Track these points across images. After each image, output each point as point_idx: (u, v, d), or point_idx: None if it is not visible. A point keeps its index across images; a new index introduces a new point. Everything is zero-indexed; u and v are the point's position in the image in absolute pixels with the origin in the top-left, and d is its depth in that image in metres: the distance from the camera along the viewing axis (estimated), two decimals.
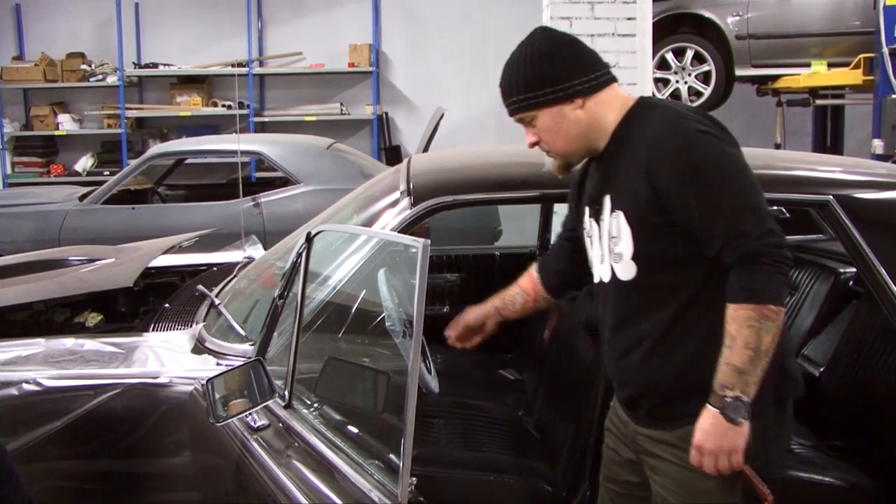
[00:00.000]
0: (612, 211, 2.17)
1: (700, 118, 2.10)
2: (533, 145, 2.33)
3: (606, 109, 2.21)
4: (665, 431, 2.17)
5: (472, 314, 2.71)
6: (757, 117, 9.58)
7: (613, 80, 2.26)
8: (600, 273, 2.26)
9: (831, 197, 2.87)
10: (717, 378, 2.00)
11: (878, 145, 7.16)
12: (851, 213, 2.85)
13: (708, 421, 2.01)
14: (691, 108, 2.24)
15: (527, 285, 2.70)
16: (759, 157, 3.61)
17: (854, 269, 2.95)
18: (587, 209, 2.30)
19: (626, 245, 2.14)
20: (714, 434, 2.01)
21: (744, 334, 1.97)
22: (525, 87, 2.25)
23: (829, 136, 9.17)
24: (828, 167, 3.29)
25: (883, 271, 2.79)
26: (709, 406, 2.01)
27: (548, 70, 2.20)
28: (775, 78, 8.14)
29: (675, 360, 2.13)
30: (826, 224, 2.96)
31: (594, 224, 2.26)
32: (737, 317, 1.98)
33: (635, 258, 2.13)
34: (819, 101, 8.26)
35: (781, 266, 1.99)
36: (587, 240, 2.33)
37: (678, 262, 2.11)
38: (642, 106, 2.21)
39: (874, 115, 7.35)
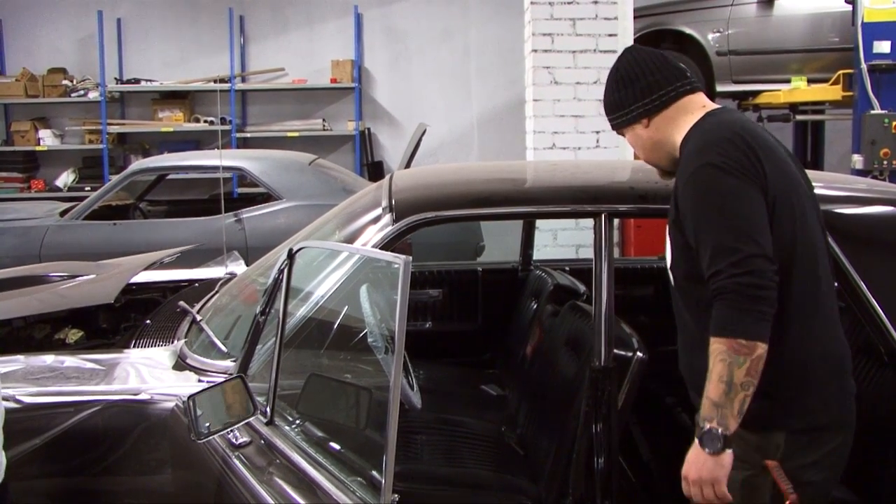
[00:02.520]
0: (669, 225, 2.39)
1: (724, 146, 2.20)
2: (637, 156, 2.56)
3: (673, 126, 2.39)
4: None
5: None
6: None
7: (687, 92, 2.40)
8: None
9: None
10: (700, 410, 2.14)
11: (857, 160, 7.22)
12: (832, 228, 2.87)
13: (692, 452, 2.14)
14: (732, 126, 2.29)
15: None
16: None
17: (835, 284, 2.96)
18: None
19: (668, 255, 2.39)
20: (695, 464, 2.12)
21: (717, 368, 2.08)
22: (608, 110, 2.50)
23: (809, 152, 9.24)
24: None
25: (863, 286, 2.82)
26: (695, 441, 2.13)
27: (616, 96, 2.44)
28: (756, 94, 8.20)
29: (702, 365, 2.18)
30: None
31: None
32: (712, 350, 2.09)
33: (671, 269, 2.39)
34: (799, 117, 8.33)
35: (751, 301, 2.06)
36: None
37: (700, 280, 2.20)
38: (703, 118, 2.36)
39: (853, 131, 7.41)
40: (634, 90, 2.40)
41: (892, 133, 7.07)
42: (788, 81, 7.93)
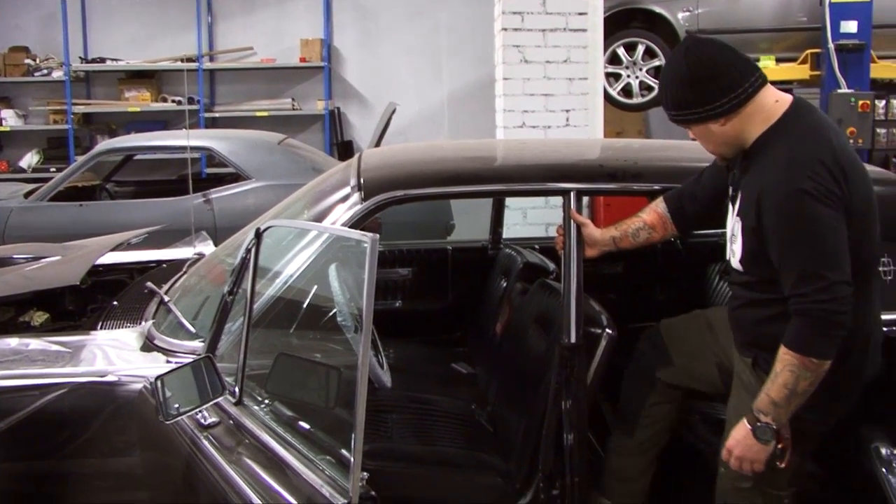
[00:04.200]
0: (737, 213, 2.47)
1: (816, 170, 2.27)
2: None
3: (750, 122, 2.42)
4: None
5: (591, 233, 2.86)
6: None
7: (761, 86, 2.42)
8: (729, 256, 2.56)
9: None
10: (756, 402, 2.36)
11: None
12: None
13: (741, 432, 2.40)
14: (823, 141, 2.34)
15: (654, 221, 2.90)
16: (703, 151, 3.67)
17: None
18: (731, 185, 2.56)
19: (738, 248, 2.47)
20: (743, 445, 2.40)
21: (785, 375, 2.29)
22: (674, 105, 2.46)
23: None
24: None
25: None
26: (745, 421, 2.39)
27: (689, 95, 2.41)
28: None
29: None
30: None
31: (731, 204, 2.54)
32: (783, 359, 2.29)
33: (742, 263, 2.48)
34: None
35: (832, 326, 2.25)
36: (728, 203, 2.58)
37: (772, 281, 2.37)
38: (787, 120, 2.40)
39: (821, 109, 7.47)
40: (713, 88, 2.38)
41: (858, 112, 7.14)
42: (757, 60, 7.96)
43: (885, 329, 2.76)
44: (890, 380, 2.77)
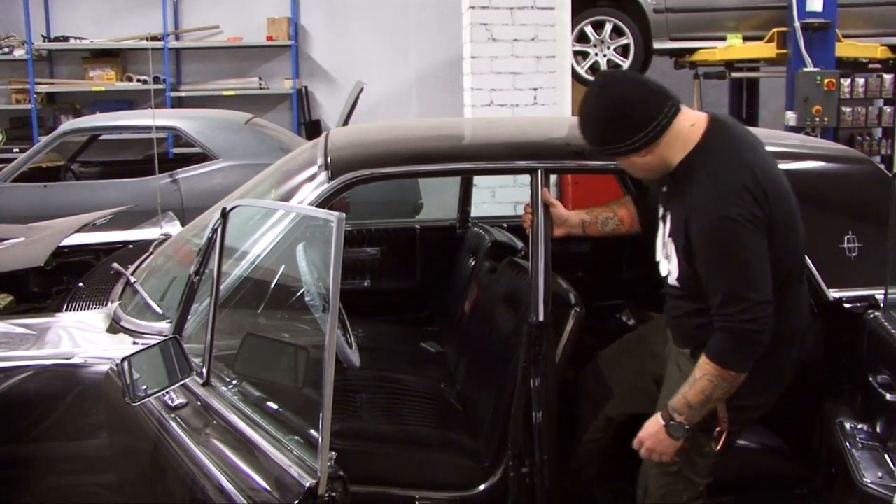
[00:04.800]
0: (669, 234, 2.57)
1: (741, 195, 2.37)
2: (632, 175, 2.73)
3: (670, 149, 2.50)
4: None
5: (560, 212, 2.91)
6: (675, 90, 9.64)
7: (675, 115, 2.48)
8: (662, 268, 2.65)
9: None
10: (672, 401, 2.51)
11: (791, 117, 7.33)
12: None
13: (654, 427, 2.54)
14: (746, 165, 2.44)
15: (624, 215, 3.00)
16: None
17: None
18: (661, 203, 2.65)
19: (674, 268, 2.56)
20: (655, 438, 2.54)
21: (703, 383, 2.43)
22: (597, 142, 2.56)
23: (744, 108, 9.34)
24: None
25: None
26: (659, 416, 2.53)
27: (607, 134, 2.51)
28: (692, 51, 8.24)
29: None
30: None
31: (661, 222, 2.64)
32: (704, 368, 2.43)
33: (678, 280, 2.56)
34: (735, 74, 8.40)
35: (752, 343, 2.39)
36: (659, 221, 2.67)
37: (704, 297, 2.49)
38: (706, 143, 2.49)
39: (787, 88, 7.52)
40: (629, 125, 2.46)
41: (824, 90, 7.19)
42: (724, 39, 7.99)
43: (849, 305, 2.80)
44: (853, 356, 2.81)
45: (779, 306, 2.42)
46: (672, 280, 2.59)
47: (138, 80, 9.93)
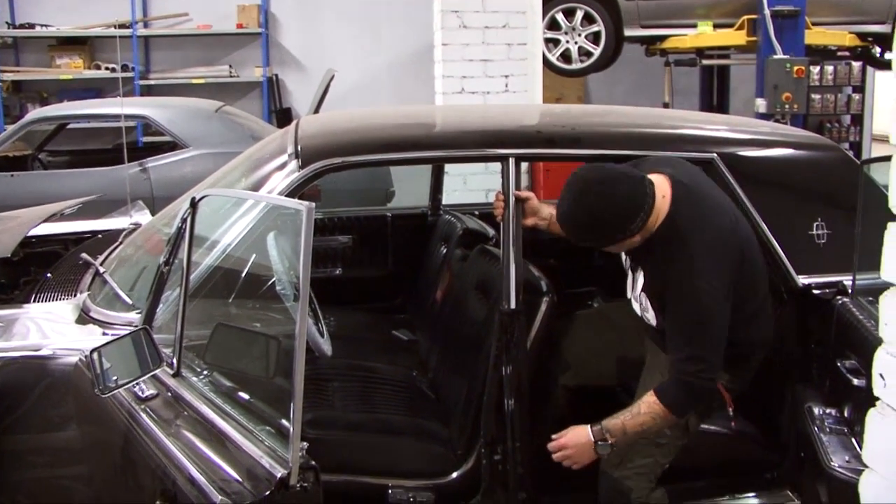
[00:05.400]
0: (643, 289, 2.75)
1: (714, 267, 2.58)
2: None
3: (652, 224, 2.63)
4: None
5: (534, 204, 2.95)
6: (646, 77, 9.75)
7: (653, 194, 2.61)
8: (633, 305, 2.86)
9: (715, 155, 2.96)
10: (609, 422, 2.64)
11: (761, 104, 7.37)
12: (735, 170, 2.94)
13: (582, 437, 2.66)
14: (717, 230, 2.64)
15: None
16: (647, 116, 3.70)
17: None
18: (628, 256, 2.83)
19: (652, 318, 2.76)
20: (579, 447, 2.67)
21: (645, 418, 2.60)
22: (593, 242, 2.73)
23: (715, 96, 9.40)
24: (713, 126, 3.38)
25: (764, 226, 2.91)
26: (591, 429, 2.65)
27: (599, 234, 2.64)
28: (663, 38, 8.27)
29: None
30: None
31: (630, 270, 2.84)
32: (651, 406, 2.60)
33: (658, 328, 2.75)
34: (705, 62, 8.45)
35: (703, 396, 2.65)
36: (624, 261, 2.88)
37: None
38: (678, 211, 2.63)
39: (757, 75, 7.56)
40: (621, 221, 2.57)
41: (793, 77, 7.22)
42: (695, 26, 8.02)
43: (817, 292, 2.83)
44: (821, 342, 2.83)
45: (750, 326, 2.72)
46: (653, 323, 2.78)
47: (106, 69, 9.84)
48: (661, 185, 2.65)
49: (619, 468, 2.76)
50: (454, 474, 2.92)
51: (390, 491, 2.87)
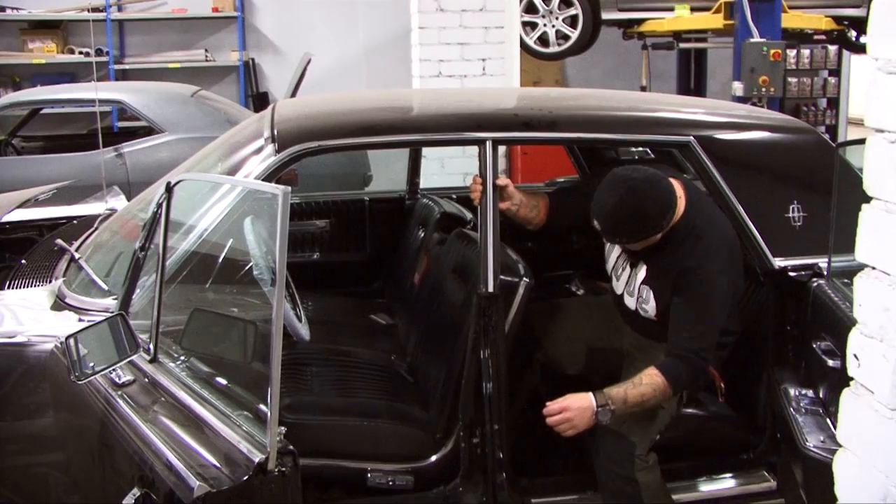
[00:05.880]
0: (644, 282, 2.89)
1: (733, 254, 2.82)
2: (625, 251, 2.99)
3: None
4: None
5: (509, 190, 3.00)
6: (623, 60, 9.76)
7: (678, 198, 2.82)
8: (625, 299, 2.99)
9: (692, 138, 2.97)
10: (611, 390, 2.73)
11: (738, 87, 7.38)
12: (711, 152, 2.95)
13: (584, 403, 2.71)
14: (726, 231, 2.87)
15: (543, 209, 3.14)
16: (624, 99, 3.70)
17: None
18: (620, 250, 3.01)
19: (651, 308, 2.89)
20: (579, 413, 2.71)
21: (646, 389, 2.72)
22: (629, 235, 2.82)
23: (692, 79, 9.41)
24: (689, 109, 3.39)
25: (740, 208, 2.92)
26: (593, 396, 2.71)
27: (637, 229, 2.78)
28: (640, 22, 8.27)
29: None
30: (688, 163, 3.06)
31: (627, 265, 2.98)
32: (653, 379, 2.72)
33: (657, 316, 2.88)
34: (683, 45, 8.45)
35: (702, 375, 2.81)
36: (612, 259, 3.06)
37: None
38: (692, 213, 2.84)
39: (734, 59, 7.56)
40: (659, 218, 2.75)
41: (770, 61, 7.23)
42: (672, 10, 8.02)
43: (793, 274, 2.85)
44: (797, 324, 2.86)
45: (731, 318, 2.86)
46: (649, 315, 2.91)
47: (80, 53, 9.74)
48: (678, 187, 2.83)
49: (623, 427, 2.83)
50: (433, 457, 2.93)
51: (369, 475, 2.88)
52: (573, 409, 2.71)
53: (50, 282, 3.05)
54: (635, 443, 2.81)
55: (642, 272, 2.91)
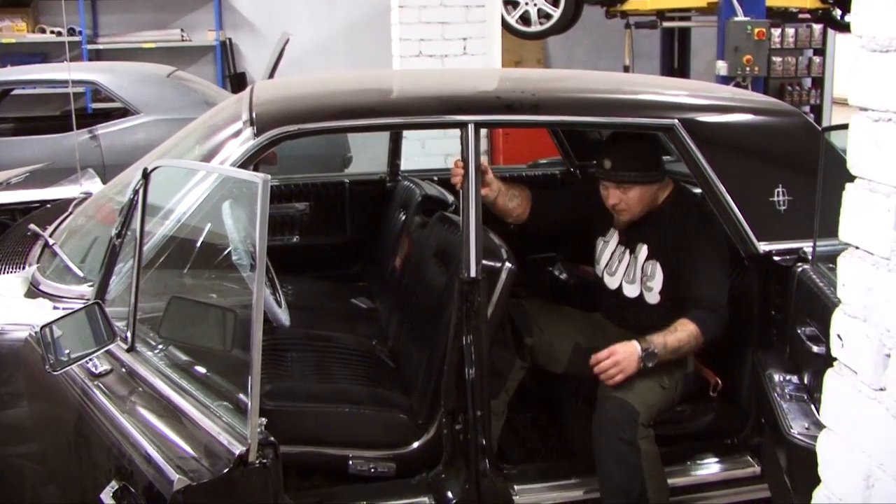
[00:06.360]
0: (648, 258, 3.09)
1: (717, 228, 3.02)
2: (614, 206, 3.12)
3: (659, 196, 3.15)
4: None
5: (488, 177, 3.12)
6: (606, 40, 9.74)
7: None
8: (624, 289, 3.17)
9: (676, 120, 2.96)
10: (653, 336, 2.91)
11: (721, 66, 7.39)
12: (695, 135, 2.95)
13: (630, 348, 2.89)
14: (711, 217, 3.05)
15: (524, 201, 3.30)
16: (608, 81, 3.70)
17: (699, 190, 3.08)
18: (617, 235, 3.21)
19: (657, 284, 3.08)
20: (627, 357, 2.88)
21: (682, 336, 2.91)
22: (633, 160, 3.07)
23: (676, 58, 9.41)
24: (673, 91, 3.38)
25: (725, 192, 2.92)
26: (637, 342, 2.89)
27: (647, 150, 3.12)
28: (623, 0, 8.26)
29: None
30: (672, 146, 3.05)
31: (625, 253, 3.18)
32: (688, 327, 2.91)
33: (661, 294, 3.08)
34: (666, 24, 8.44)
35: (721, 325, 2.95)
36: (604, 249, 3.25)
37: (678, 298, 3.05)
38: (681, 194, 3.20)
39: (718, 38, 7.56)
40: (656, 158, 3.12)
41: (754, 40, 7.24)
42: None
43: (778, 258, 2.86)
44: (782, 309, 2.87)
45: None
46: (652, 299, 3.09)
47: (52, 32, 9.62)
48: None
49: (628, 395, 2.88)
50: (415, 444, 2.93)
51: (350, 462, 2.88)
52: (620, 353, 2.88)
53: (23, 268, 3.02)
54: (640, 411, 2.85)
55: (643, 251, 3.10)
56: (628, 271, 3.15)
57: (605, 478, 2.87)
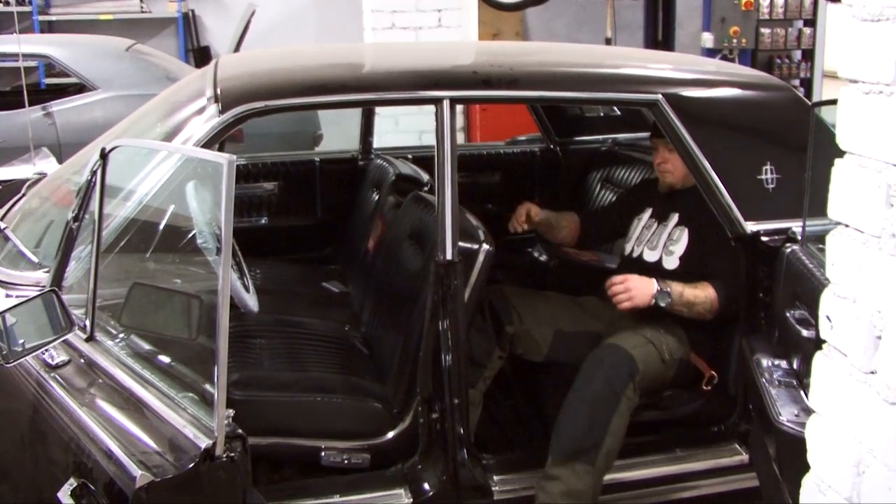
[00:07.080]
0: (678, 224, 3.22)
1: None
2: (660, 164, 3.31)
3: (685, 178, 3.22)
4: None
5: (536, 209, 3.57)
6: (587, 11, 9.74)
7: None
8: (644, 255, 3.28)
9: (660, 96, 2.96)
10: (670, 282, 3.03)
11: (707, 38, 7.42)
12: (680, 111, 2.95)
13: (646, 282, 3.02)
14: None
15: (573, 229, 3.68)
16: (589, 54, 3.69)
17: None
18: (651, 210, 3.38)
19: (679, 249, 3.19)
20: (641, 288, 3.01)
21: (699, 293, 3.03)
22: None
23: (660, 30, 9.41)
24: (657, 65, 3.39)
25: (711, 169, 2.93)
26: (655, 281, 3.02)
27: None
28: None
29: None
30: (657, 122, 3.06)
31: (655, 224, 3.32)
32: (706, 287, 3.04)
33: (681, 259, 3.18)
34: None
35: (734, 305, 3.01)
36: (637, 225, 3.40)
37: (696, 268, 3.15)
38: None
39: (704, 8, 7.59)
40: None
41: (742, 11, 7.27)
42: None
43: (766, 239, 2.87)
44: (770, 291, 2.88)
45: None
46: (671, 265, 3.18)
47: (0, 2, 9.51)
48: None
49: (633, 350, 2.96)
50: (390, 434, 2.93)
51: (323, 453, 2.88)
52: (636, 280, 3.01)
53: None
54: (640, 369, 2.90)
55: (674, 219, 3.24)
56: (652, 238, 3.28)
57: (569, 412, 2.89)
